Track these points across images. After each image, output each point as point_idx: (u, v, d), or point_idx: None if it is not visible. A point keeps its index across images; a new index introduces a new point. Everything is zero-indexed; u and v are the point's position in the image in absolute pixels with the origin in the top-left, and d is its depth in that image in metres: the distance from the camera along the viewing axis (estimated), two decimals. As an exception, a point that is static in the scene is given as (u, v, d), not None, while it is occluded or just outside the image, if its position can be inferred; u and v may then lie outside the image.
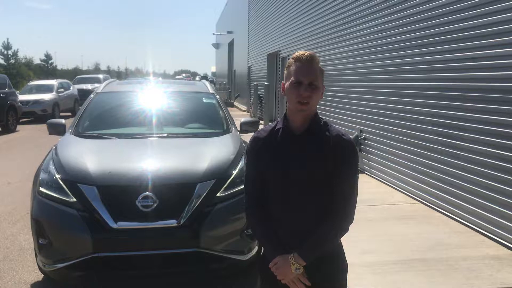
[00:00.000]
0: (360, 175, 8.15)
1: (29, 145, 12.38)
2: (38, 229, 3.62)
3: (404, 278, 3.88)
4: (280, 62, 15.91)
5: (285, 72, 2.04)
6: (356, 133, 8.45)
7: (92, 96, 5.49)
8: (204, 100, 5.50)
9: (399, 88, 6.91)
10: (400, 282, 3.80)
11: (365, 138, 8.21)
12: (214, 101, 5.47)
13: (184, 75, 75.15)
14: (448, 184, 5.62)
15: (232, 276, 4.02)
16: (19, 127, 16.39)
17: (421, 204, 6.16)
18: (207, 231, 3.56)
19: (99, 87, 5.77)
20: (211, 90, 5.78)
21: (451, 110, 5.59)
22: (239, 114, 19.74)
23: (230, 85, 32.88)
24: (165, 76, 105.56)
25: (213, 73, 59.73)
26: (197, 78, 71.47)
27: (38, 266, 3.88)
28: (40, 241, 3.61)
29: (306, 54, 1.96)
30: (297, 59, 1.97)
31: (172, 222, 3.52)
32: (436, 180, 5.90)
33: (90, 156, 3.99)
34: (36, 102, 18.85)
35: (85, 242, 3.43)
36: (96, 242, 3.42)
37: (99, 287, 3.91)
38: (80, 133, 4.70)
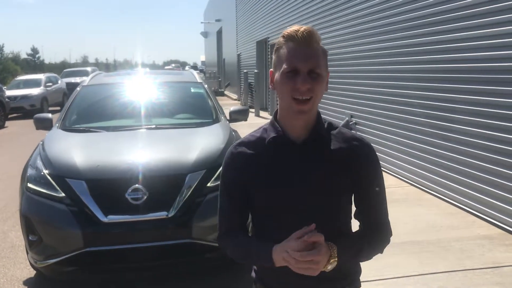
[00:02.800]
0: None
1: (18, 140, 12.25)
2: (28, 225, 3.58)
3: (396, 261, 3.90)
4: (269, 49, 15.83)
5: (273, 56, 1.48)
6: (347, 118, 8.44)
7: (78, 89, 5.42)
8: (192, 90, 5.46)
9: (388, 71, 6.90)
10: (392, 265, 3.82)
11: (355, 123, 8.21)
12: (202, 91, 5.42)
13: (173, 65, 74.64)
14: (439, 166, 5.64)
15: (227, 266, 4.01)
16: (7, 123, 16.22)
17: (412, 187, 6.19)
18: (198, 221, 3.53)
19: (85, 80, 5.70)
20: (199, 80, 5.73)
21: (440, 92, 5.58)
22: (230, 103, 19.68)
23: (220, 74, 32.71)
24: (154, 66, 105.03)
25: (203, 62, 59.36)
26: (187, 68, 71.06)
27: (30, 262, 3.84)
28: (30, 238, 3.57)
29: (302, 29, 1.38)
30: (289, 37, 1.40)
31: (163, 214, 3.49)
32: (426, 162, 5.92)
33: (78, 150, 3.94)
34: (24, 97, 18.65)
35: (76, 237, 3.40)
36: (86, 237, 3.39)
37: (92, 282, 3.89)
38: (67, 127, 4.64)
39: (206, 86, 5.58)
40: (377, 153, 1.58)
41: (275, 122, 1.50)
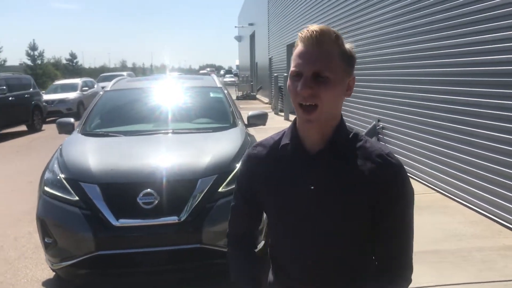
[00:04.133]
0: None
1: (53, 143, 12.55)
2: (43, 228, 3.66)
3: (416, 271, 3.76)
4: (299, 53, 15.72)
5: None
6: (374, 122, 8.29)
7: (101, 93, 5.53)
8: (211, 95, 5.47)
9: (414, 75, 6.73)
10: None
11: (383, 128, 8.05)
12: (221, 95, 5.43)
13: (208, 69, 75.44)
14: (465, 172, 5.45)
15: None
16: (45, 126, 16.73)
17: (438, 193, 6.00)
18: (209, 226, 3.53)
19: (108, 85, 5.81)
20: (218, 84, 5.74)
21: (466, 96, 5.40)
22: (261, 107, 19.68)
23: (252, 78, 32.81)
24: (190, 71, 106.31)
25: (237, 66, 59.73)
26: (222, 72, 71.66)
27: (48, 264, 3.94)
28: (46, 240, 3.66)
29: (313, 28, 1.25)
30: (300, 38, 1.27)
31: (174, 219, 3.51)
32: (452, 168, 5.73)
33: (93, 154, 4.01)
34: (61, 101, 19.22)
35: (88, 241, 3.45)
36: (98, 240, 3.44)
37: (104, 285, 3.94)
38: (87, 132, 4.73)
39: (226, 91, 5.58)
40: (399, 156, 1.42)
41: (294, 127, 1.38)
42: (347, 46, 1.31)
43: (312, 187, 1.31)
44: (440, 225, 4.82)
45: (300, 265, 1.37)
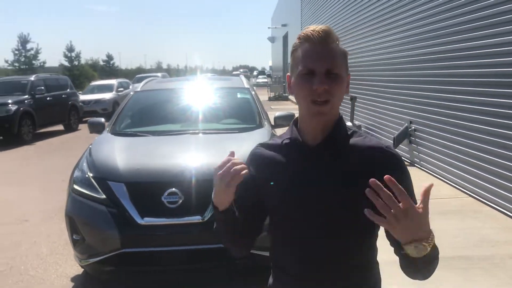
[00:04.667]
0: (408, 168, 7.82)
1: (88, 143, 12.89)
2: (72, 225, 3.76)
3: (440, 277, 3.66)
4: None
5: (289, 60, 1.43)
6: (406, 124, 8.13)
7: (131, 94, 5.64)
8: (239, 95, 5.49)
9: (447, 76, 6.58)
10: (435, 282, 3.60)
11: (415, 130, 7.88)
12: (248, 96, 5.44)
13: (241, 70, 75.81)
14: (498, 176, 5.28)
15: (259, 272, 3.97)
16: (81, 126, 17.17)
17: (470, 197, 5.83)
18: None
19: (138, 86, 5.91)
20: (246, 85, 5.76)
21: (502, 98, 5.23)
22: (292, 108, 19.62)
23: (284, 79, 32.75)
24: (223, 72, 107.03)
25: (270, 67, 59.77)
26: (255, 73, 71.85)
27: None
28: (74, 237, 3.75)
29: (318, 28, 1.31)
30: (305, 38, 1.32)
31: (197, 218, 3.53)
32: (485, 172, 5.56)
33: (121, 153, 4.09)
34: (97, 101, 19.70)
35: (114, 238, 3.52)
36: (123, 238, 3.50)
37: (128, 282, 4.01)
38: (117, 131, 4.83)
39: (253, 92, 5.59)
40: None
41: (293, 126, 1.44)
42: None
43: (314, 180, 1.34)
44: (470, 231, 4.68)
45: (306, 261, 1.36)
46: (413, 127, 7.96)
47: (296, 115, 1.49)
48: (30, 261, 4.70)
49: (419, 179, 6.98)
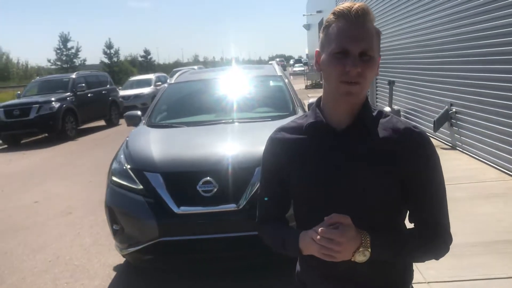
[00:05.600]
0: (450, 152, 7.70)
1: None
2: (111, 215, 3.85)
3: (482, 261, 3.56)
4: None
5: (320, 35, 1.35)
6: (446, 106, 7.88)
7: (165, 86, 5.71)
8: (271, 83, 5.47)
9: (489, 54, 6.30)
10: (475, 266, 3.49)
11: (456, 112, 7.63)
12: (281, 84, 5.40)
13: (277, 59, 75.48)
14: (546, 157, 5.04)
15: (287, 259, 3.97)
16: (121, 120, 17.58)
17: (516, 180, 5.60)
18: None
19: (172, 78, 5.98)
20: (279, 73, 5.72)
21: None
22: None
23: (321, 67, 32.36)
24: (260, 62, 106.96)
25: (307, 55, 59.25)
26: (291, 61, 71.44)
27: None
28: (114, 227, 3.85)
29: (356, 6, 1.25)
30: (341, 15, 1.26)
31: (232, 206, 3.55)
32: (532, 153, 5.32)
33: (156, 144, 4.15)
34: (136, 96, 20.10)
35: (151, 227, 3.58)
36: (161, 227, 3.56)
37: (168, 270, 4.08)
38: (152, 123, 4.91)
39: (286, 79, 5.55)
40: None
41: (316, 108, 1.40)
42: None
43: (341, 163, 1.32)
44: (517, 214, 4.50)
45: None
46: (454, 110, 7.70)
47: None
48: (75, 252, 4.87)
49: (461, 162, 6.77)
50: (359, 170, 1.30)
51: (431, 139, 1.37)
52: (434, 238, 1.33)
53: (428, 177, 1.31)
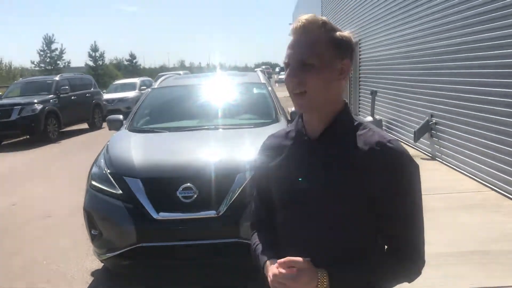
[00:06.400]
0: (430, 162, 7.80)
1: (111, 140, 13.13)
2: (90, 220, 3.83)
3: (458, 271, 3.62)
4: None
5: None
6: (427, 117, 8.00)
7: (148, 90, 5.70)
8: (255, 90, 5.50)
9: (467, 67, 6.44)
10: (453, 276, 3.55)
11: (436, 123, 7.75)
12: (264, 91, 5.44)
13: (263, 67, 75.70)
14: (522, 170, 5.14)
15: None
16: (104, 124, 17.40)
17: (493, 191, 5.70)
18: (246, 221, 3.53)
19: (155, 83, 5.97)
20: (262, 80, 5.75)
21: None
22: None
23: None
24: (246, 69, 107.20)
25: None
26: (277, 69, 71.73)
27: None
28: (92, 232, 3.82)
29: (300, 18, 1.28)
30: (291, 30, 1.31)
31: (212, 213, 3.55)
32: (509, 165, 5.43)
33: (137, 149, 4.14)
34: (120, 100, 19.97)
35: (130, 233, 3.56)
36: (139, 233, 3.54)
37: (146, 276, 4.06)
38: (134, 128, 4.89)
39: (269, 87, 5.58)
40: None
41: (299, 118, 1.44)
42: (340, 32, 1.31)
43: (309, 171, 1.34)
44: (493, 225, 4.58)
45: (301, 249, 1.32)
46: (434, 121, 7.83)
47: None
48: (52, 256, 4.81)
49: (440, 172, 6.87)
50: (327, 180, 1.30)
51: (410, 152, 1.35)
52: (404, 262, 1.31)
53: (400, 195, 1.27)
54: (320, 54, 1.25)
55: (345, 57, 1.30)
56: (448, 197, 5.59)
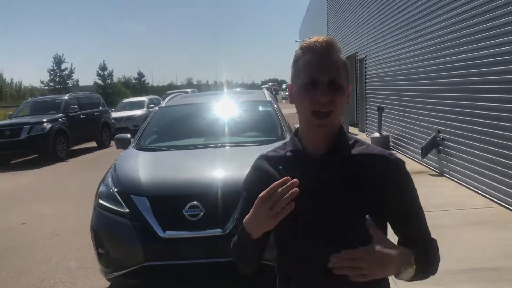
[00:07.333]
0: (438, 178, 7.76)
1: (119, 159, 13.19)
2: (97, 239, 3.85)
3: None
4: (358, 64, 15.56)
5: (291, 69, 1.41)
6: (434, 133, 7.98)
7: (156, 109, 5.77)
8: (261, 108, 5.54)
9: (475, 83, 6.44)
10: (461, 293, 3.51)
11: (443, 139, 7.73)
12: (270, 109, 5.48)
13: (270, 84, 76.07)
14: (530, 185, 5.11)
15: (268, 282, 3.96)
16: (113, 142, 17.55)
17: (502, 207, 5.65)
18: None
19: (163, 101, 6.04)
20: (268, 98, 5.80)
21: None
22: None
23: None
24: (253, 86, 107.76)
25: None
26: (284, 86, 72.17)
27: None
28: (99, 251, 3.84)
29: (321, 39, 1.32)
30: (308, 49, 1.33)
31: (218, 231, 3.56)
32: (517, 181, 5.39)
33: (144, 168, 4.17)
34: (128, 118, 20.12)
35: (137, 251, 3.58)
36: (146, 251, 3.56)
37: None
38: (141, 147, 4.94)
39: (275, 105, 5.62)
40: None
41: (294, 137, 1.44)
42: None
43: (319, 191, 1.34)
44: (502, 241, 4.54)
45: (314, 270, 1.34)
46: (441, 136, 7.81)
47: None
48: (60, 275, 4.82)
49: (448, 189, 6.83)
50: (336, 197, 1.32)
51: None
52: (433, 251, 1.39)
53: (407, 201, 1.37)
54: (342, 76, 1.32)
55: (349, 82, 1.37)
56: (457, 213, 5.55)
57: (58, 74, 50.74)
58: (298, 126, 1.47)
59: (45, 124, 13.33)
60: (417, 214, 1.40)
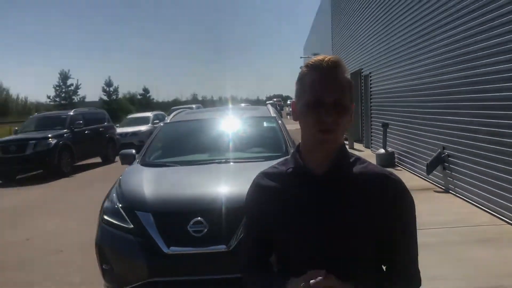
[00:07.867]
0: (443, 195, 7.72)
1: (123, 174, 13.21)
2: (101, 255, 3.84)
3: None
4: (362, 80, 15.61)
5: (295, 86, 1.41)
6: (439, 150, 7.97)
7: (161, 125, 5.80)
8: (265, 124, 5.56)
9: (480, 100, 6.44)
10: (468, 312, 3.47)
11: (448, 155, 7.71)
12: (274, 125, 5.50)
13: (275, 99, 76.39)
14: (536, 202, 5.07)
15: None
16: (117, 158, 17.59)
17: (508, 225, 5.61)
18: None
19: (168, 117, 6.07)
20: (272, 114, 5.82)
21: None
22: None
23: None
24: (258, 102, 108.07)
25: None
26: (288, 101, 72.40)
27: (107, 290, 4.09)
28: (103, 266, 3.83)
29: (327, 58, 1.32)
30: (314, 67, 1.33)
31: (222, 247, 3.55)
32: (523, 198, 5.35)
33: (148, 184, 4.18)
34: (133, 133, 20.18)
35: (141, 267, 3.57)
36: (150, 267, 3.55)
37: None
38: (146, 162, 4.95)
39: (280, 121, 5.64)
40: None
41: (296, 154, 1.44)
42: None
43: (322, 209, 1.35)
44: (507, 259, 4.49)
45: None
46: (446, 153, 7.79)
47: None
48: (64, 291, 4.80)
49: (454, 205, 6.79)
50: (336, 212, 1.34)
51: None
52: (407, 283, 1.42)
53: (402, 225, 1.39)
54: (347, 97, 1.32)
55: (353, 101, 1.38)
56: (463, 230, 5.51)
57: (63, 90, 51.21)
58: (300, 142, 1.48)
59: (50, 139, 13.40)
60: (412, 243, 1.42)
